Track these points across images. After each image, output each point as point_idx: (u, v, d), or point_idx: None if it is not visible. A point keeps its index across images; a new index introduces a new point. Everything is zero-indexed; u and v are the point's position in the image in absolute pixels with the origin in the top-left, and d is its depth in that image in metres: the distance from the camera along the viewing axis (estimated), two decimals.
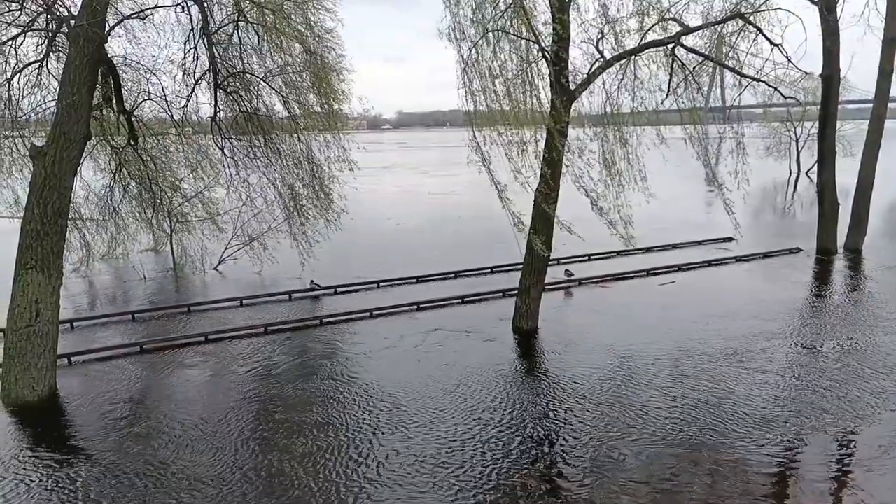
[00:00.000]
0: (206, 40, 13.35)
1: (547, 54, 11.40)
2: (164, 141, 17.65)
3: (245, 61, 14.32)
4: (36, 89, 14.24)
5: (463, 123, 12.17)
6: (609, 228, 12.15)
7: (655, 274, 17.33)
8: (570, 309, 14.90)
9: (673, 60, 12.09)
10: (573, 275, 16.73)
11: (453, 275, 17.53)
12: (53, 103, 12.87)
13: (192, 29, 13.53)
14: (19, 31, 12.40)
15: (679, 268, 17.93)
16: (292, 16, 13.79)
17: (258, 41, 14.11)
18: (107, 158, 17.39)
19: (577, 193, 11.89)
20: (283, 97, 14.88)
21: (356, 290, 16.42)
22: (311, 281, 16.24)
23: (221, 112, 14.81)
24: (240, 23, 13.48)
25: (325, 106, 15.29)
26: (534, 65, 11.83)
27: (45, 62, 13.47)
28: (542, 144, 11.69)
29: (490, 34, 11.45)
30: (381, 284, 16.72)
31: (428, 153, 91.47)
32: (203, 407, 9.61)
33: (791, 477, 7.42)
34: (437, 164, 67.11)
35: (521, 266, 12.82)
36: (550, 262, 13.05)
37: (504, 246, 18.23)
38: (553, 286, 15.49)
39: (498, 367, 10.86)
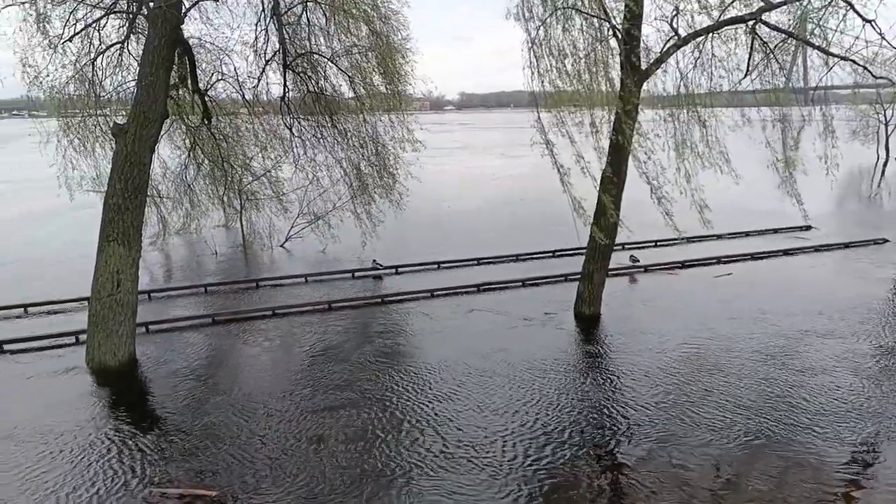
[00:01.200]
0: (276, 21, 13.61)
1: (618, 32, 11.02)
2: (235, 120, 18.23)
3: (313, 42, 14.54)
4: (117, 70, 14.92)
5: (527, 105, 11.95)
6: (665, 218, 11.71)
7: (725, 262, 16.67)
8: (633, 296, 14.53)
9: (753, 38, 11.43)
10: (638, 261, 16.31)
11: (514, 258, 17.41)
12: (133, 83, 13.47)
13: (263, 10, 13.82)
14: (103, 13, 12.97)
15: (752, 256, 17.18)
16: None
17: (326, 22, 14.27)
18: (182, 137, 18.12)
19: (651, 176, 11.51)
20: (349, 77, 15.04)
21: (417, 271, 16.55)
22: (374, 260, 16.48)
23: (290, 92, 15.12)
24: (308, 4, 13.67)
25: (390, 86, 15.37)
26: (604, 43, 11.47)
27: (125, 44, 14.06)
28: (610, 126, 11.38)
29: (559, 12, 11.18)
30: (442, 265, 16.79)
31: (492, 134, 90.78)
32: (267, 378, 9.99)
33: (864, 481, 6.99)
34: (501, 145, 66.55)
35: (584, 250, 12.58)
36: (615, 247, 12.74)
37: (567, 229, 17.94)
38: (617, 272, 15.15)
39: (556, 351, 10.75)
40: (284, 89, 15.05)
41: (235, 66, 15.87)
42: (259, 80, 15.20)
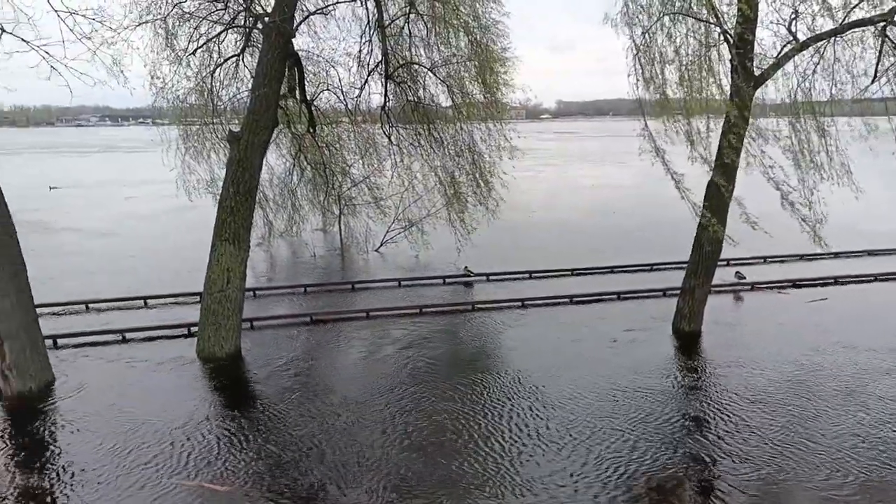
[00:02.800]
0: (379, 33, 14.07)
1: (729, 37, 10.51)
2: (337, 129, 18.99)
3: (414, 53, 14.91)
4: (233, 81, 15.98)
5: (628, 113, 11.68)
6: (801, 225, 10.85)
7: (845, 282, 15.40)
8: (738, 315, 13.70)
9: (883, 41, 10.54)
10: (745, 277, 15.39)
11: (610, 269, 16.93)
12: (247, 94, 14.35)
13: (368, 23, 14.33)
14: (223, 28, 13.93)
15: (875, 277, 15.77)
16: (460, 7, 14.06)
17: (427, 33, 14.59)
18: (288, 144, 19.10)
19: (750, 188, 10.87)
20: (447, 87, 15.29)
21: (509, 279, 16.46)
22: (465, 267, 16.56)
23: (390, 101, 15.57)
24: (411, 15, 14.02)
25: (488, 95, 15.47)
26: (713, 49, 10.98)
27: (241, 56, 15.04)
28: (715, 134, 10.88)
29: (665, 18, 10.83)
30: (534, 275, 16.60)
31: (588, 143, 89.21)
32: (359, 375, 10.30)
33: None
34: (598, 154, 65.27)
35: (685, 264, 12.04)
36: (720, 263, 12.10)
37: (666, 242, 17.30)
38: (720, 288, 14.38)
39: (652, 368, 10.31)
40: (385, 99, 15.52)
41: (340, 76, 16.59)
42: (361, 90, 15.81)
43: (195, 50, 14.01)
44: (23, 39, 8.08)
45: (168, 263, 18.62)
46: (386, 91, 15.31)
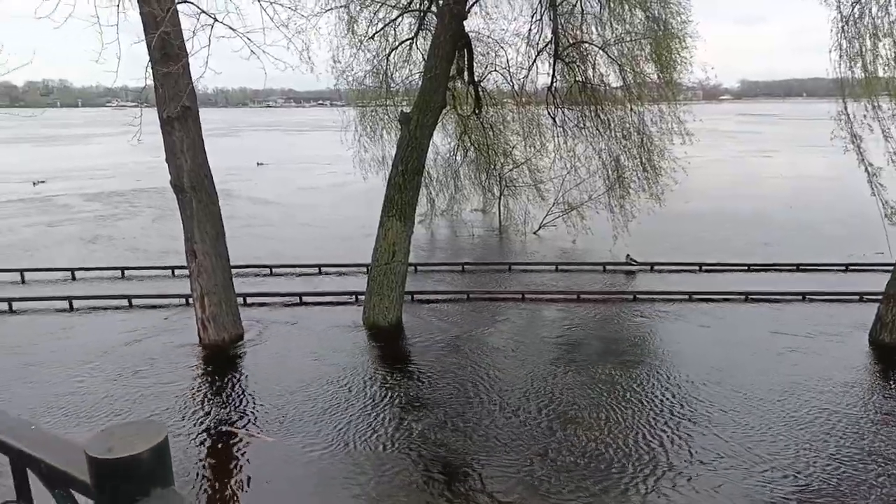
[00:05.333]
0: (551, 12, 13.81)
1: None
2: (502, 110, 19.05)
3: (585, 31, 14.45)
4: (405, 64, 16.66)
5: (824, 93, 10.36)
6: None
7: None
8: None
9: None
10: None
11: (794, 267, 15.25)
12: (418, 76, 14.89)
13: (540, 1, 14.12)
14: (399, 12, 14.54)
15: None
16: None
17: (600, 10, 14.06)
18: (453, 125, 19.53)
19: None
20: (619, 66, 14.65)
21: (675, 270, 15.52)
22: (628, 255, 15.89)
23: (557, 82, 15.27)
24: None
25: (663, 75, 14.60)
26: None
27: (414, 40, 15.60)
28: None
29: None
30: (705, 268, 15.47)
31: (776, 128, 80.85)
32: (508, 355, 10.39)
33: None
34: (787, 140, 59.02)
35: (891, 267, 10.50)
36: None
37: (866, 241, 15.30)
38: None
39: (838, 384, 9.12)
40: (552, 79, 15.25)
41: (507, 57, 16.60)
42: (529, 71, 15.71)
43: (374, 34, 14.80)
44: (230, 27, 9.01)
45: (343, 235, 20.02)
46: (554, 71, 15.04)
